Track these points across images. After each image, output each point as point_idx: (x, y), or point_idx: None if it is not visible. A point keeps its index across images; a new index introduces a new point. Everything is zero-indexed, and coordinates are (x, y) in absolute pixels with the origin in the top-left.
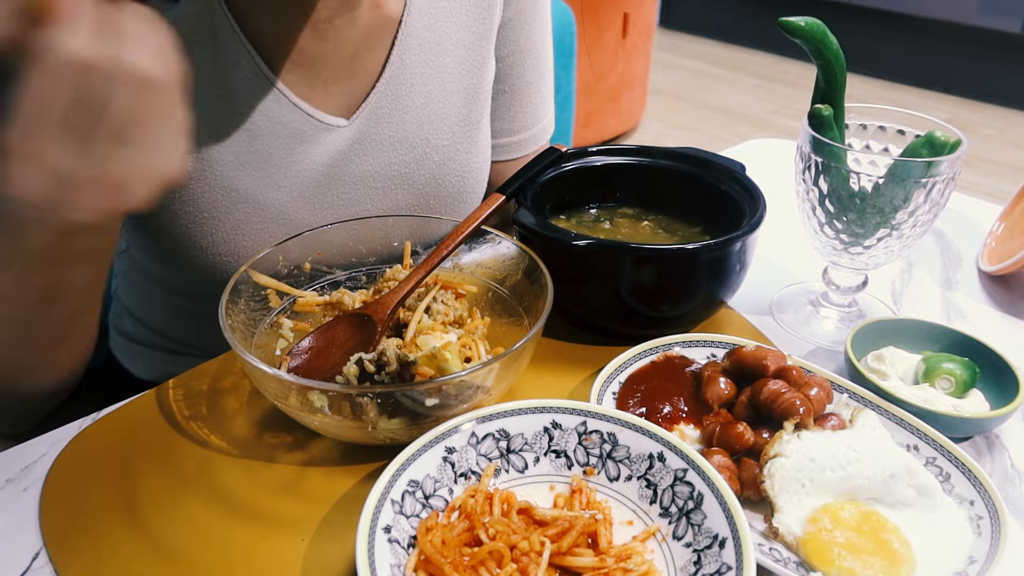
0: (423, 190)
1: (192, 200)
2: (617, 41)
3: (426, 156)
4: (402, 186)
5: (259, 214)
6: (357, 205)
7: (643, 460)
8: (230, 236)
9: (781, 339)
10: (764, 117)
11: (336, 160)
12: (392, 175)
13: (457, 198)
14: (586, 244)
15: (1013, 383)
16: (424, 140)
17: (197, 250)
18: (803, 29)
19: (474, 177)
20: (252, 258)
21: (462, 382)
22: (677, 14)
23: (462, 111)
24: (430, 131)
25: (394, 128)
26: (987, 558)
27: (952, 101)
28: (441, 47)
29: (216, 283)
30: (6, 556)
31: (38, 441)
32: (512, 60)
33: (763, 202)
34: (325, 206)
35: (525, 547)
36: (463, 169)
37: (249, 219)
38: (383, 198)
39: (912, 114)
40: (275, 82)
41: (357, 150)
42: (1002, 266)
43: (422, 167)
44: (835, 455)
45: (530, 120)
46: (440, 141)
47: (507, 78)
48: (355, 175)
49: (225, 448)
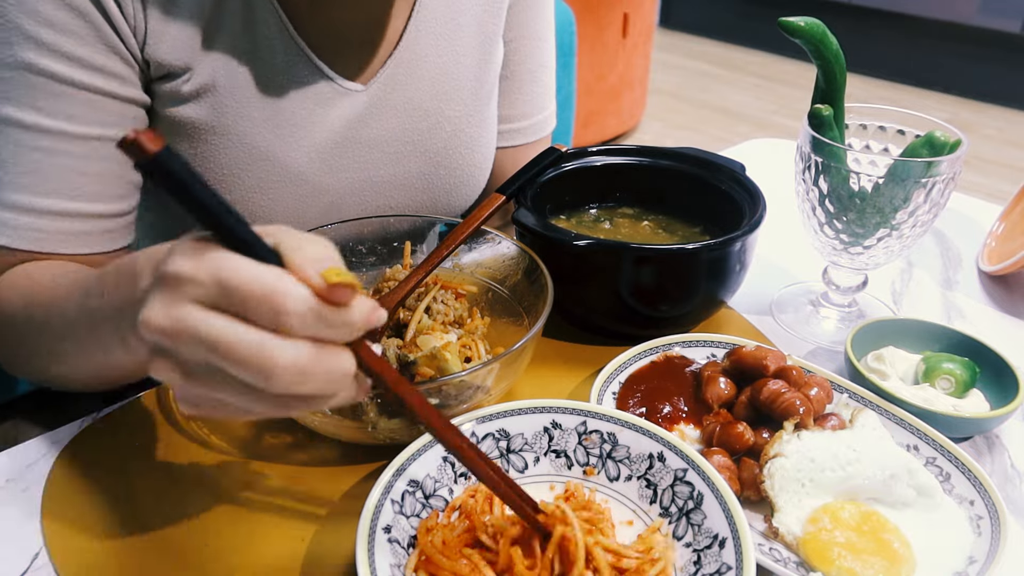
0: (434, 158)
1: (213, 156)
2: (617, 41)
3: (438, 125)
4: (414, 152)
5: (278, 173)
6: (371, 169)
7: (643, 460)
8: (248, 195)
9: (781, 339)
10: (764, 117)
11: (353, 123)
12: (405, 141)
13: (466, 170)
14: (586, 244)
15: (1013, 383)
16: (437, 109)
17: None
18: (803, 29)
19: (482, 152)
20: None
21: (462, 382)
22: (677, 14)
23: (473, 84)
24: (443, 100)
25: (408, 95)
26: (987, 558)
27: (952, 101)
28: (456, 21)
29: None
30: (6, 556)
31: (38, 441)
32: (514, 46)
33: (763, 202)
34: (340, 168)
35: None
36: (472, 142)
37: (269, 177)
38: (396, 164)
39: (912, 114)
40: (300, 44)
41: (373, 114)
42: (1002, 266)
43: (434, 135)
44: (835, 455)
45: (530, 108)
46: (452, 111)
47: (509, 63)
48: (370, 139)
49: (225, 448)
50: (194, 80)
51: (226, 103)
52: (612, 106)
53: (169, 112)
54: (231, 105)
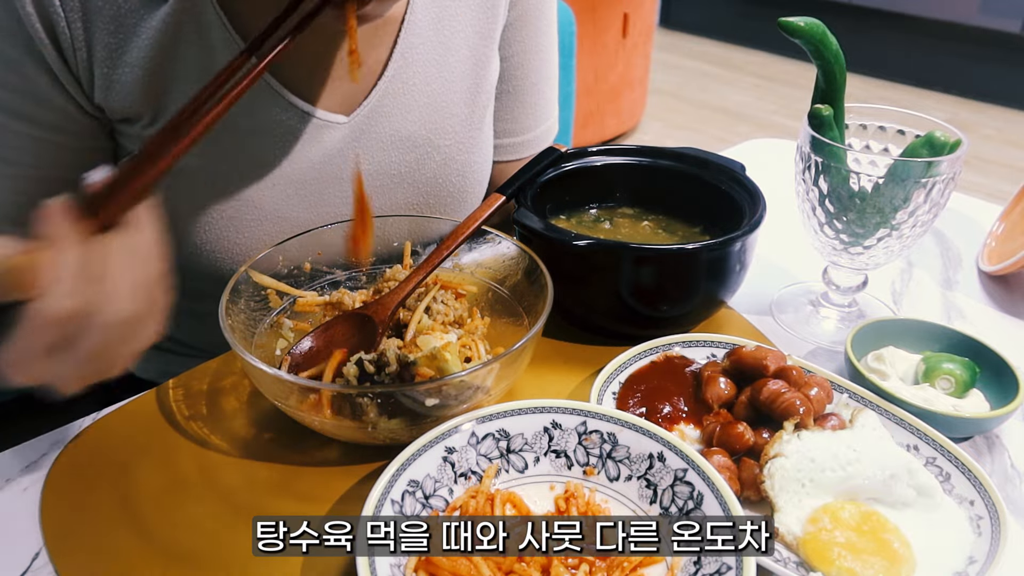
0: (423, 189)
1: (184, 196)
2: (617, 41)
3: (428, 156)
4: (402, 185)
5: (252, 212)
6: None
7: (643, 460)
8: (223, 233)
9: (781, 339)
10: (764, 117)
11: (334, 158)
12: (392, 174)
13: (458, 197)
14: (586, 244)
15: (1013, 383)
16: (426, 139)
17: (191, 246)
18: (803, 29)
19: (475, 177)
20: (252, 258)
21: (462, 382)
22: (677, 14)
23: (465, 111)
24: (432, 130)
25: (395, 126)
26: (987, 558)
27: (952, 101)
28: (445, 46)
29: (212, 281)
30: (6, 556)
31: (38, 441)
32: (516, 61)
33: (763, 202)
34: (322, 204)
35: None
36: (464, 169)
37: (242, 216)
38: (382, 196)
39: (912, 114)
40: (270, 80)
41: (356, 148)
42: (1002, 266)
43: (423, 166)
44: (835, 455)
45: (533, 122)
46: (443, 141)
47: (511, 79)
48: (353, 172)
49: (225, 448)
50: (156, 126)
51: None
52: (612, 106)
53: (135, 150)
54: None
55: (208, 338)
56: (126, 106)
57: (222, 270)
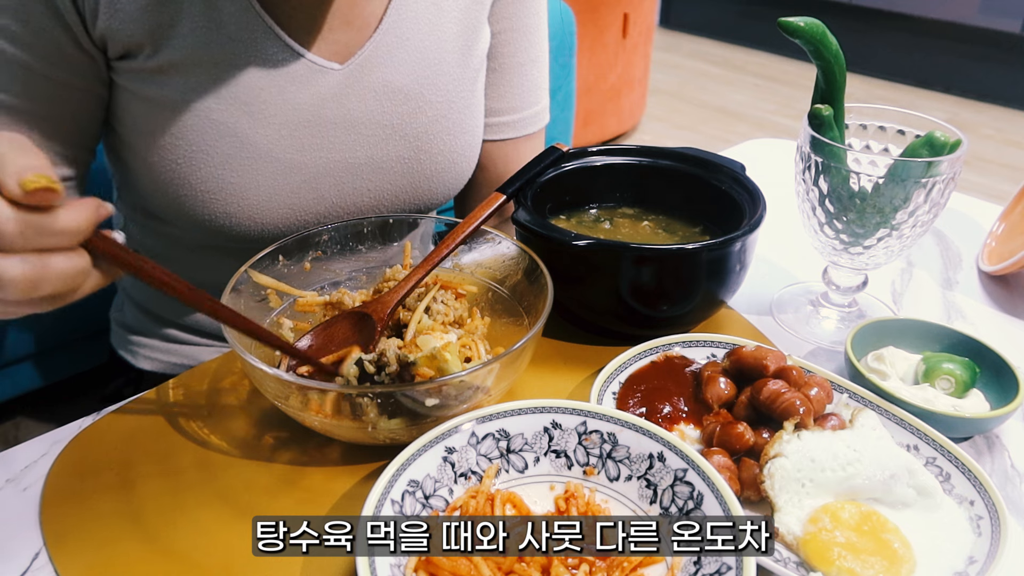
0: (415, 143)
1: (180, 132)
2: (617, 41)
3: (419, 110)
4: (394, 136)
5: (246, 150)
6: (347, 151)
7: (643, 460)
8: (218, 171)
9: (781, 339)
10: (764, 117)
11: (327, 102)
12: (384, 124)
13: (449, 156)
14: (586, 244)
15: (1013, 383)
16: (419, 93)
17: (187, 187)
18: (803, 29)
19: (466, 139)
20: (248, 261)
21: (462, 382)
22: (677, 14)
23: (457, 71)
24: (425, 85)
25: (389, 77)
26: (987, 558)
27: (952, 101)
28: (438, 6)
29: (211, 227)
30: (6, 556)
31: (38, 441)
32: (504, 38)
33: (763, 202)
34: (312, 147)
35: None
36: (455, 128)
37: (237, 154)
38: (374, 146)
39: (912, 114)
40: (268, 21)
41: (349, 94)
42: (1002, 266)
43: (415, 119)
44: (835, 455)
45: (520, 102)
46: (435, 96)
47: (498, 55)
48: (346, 120)
49: (225, 448)
50: (157, 58)
51: (191, 80)
52: (612, 106)
53: (135, 89)
54: (196, 82)
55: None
56: (128, 35)
57: (220, 213)
